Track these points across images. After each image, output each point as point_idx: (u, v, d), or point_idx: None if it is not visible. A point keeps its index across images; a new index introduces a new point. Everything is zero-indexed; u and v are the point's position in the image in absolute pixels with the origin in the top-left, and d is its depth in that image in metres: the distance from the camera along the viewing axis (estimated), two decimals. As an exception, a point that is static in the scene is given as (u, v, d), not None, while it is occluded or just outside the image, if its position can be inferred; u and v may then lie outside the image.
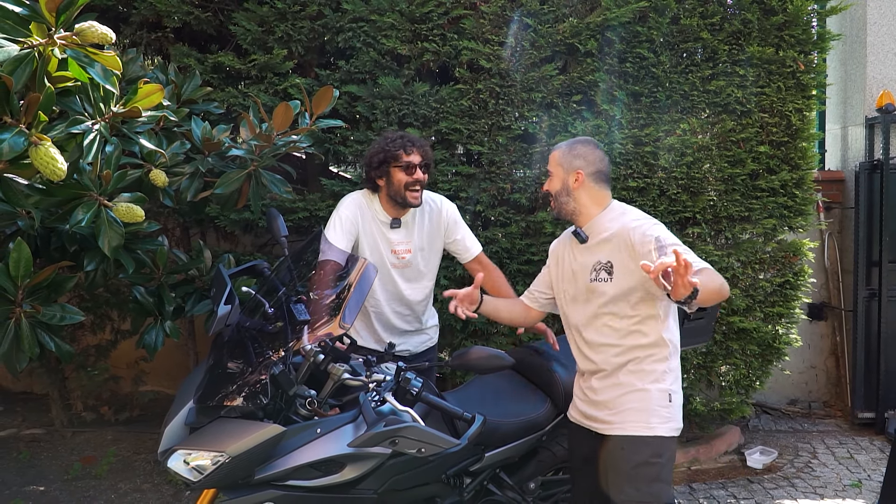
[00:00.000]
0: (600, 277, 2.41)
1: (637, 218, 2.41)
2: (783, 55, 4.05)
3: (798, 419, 5.28)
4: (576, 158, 2.49)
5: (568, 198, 2.49)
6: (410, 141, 2.94)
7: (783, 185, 4.14)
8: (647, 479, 2.31)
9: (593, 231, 2.48)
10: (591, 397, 2.47)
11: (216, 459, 2.02)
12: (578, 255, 2.52)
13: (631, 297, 2.36)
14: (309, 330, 2.24)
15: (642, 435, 2.34)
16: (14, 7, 1.91)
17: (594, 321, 2.45)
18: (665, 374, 2.41)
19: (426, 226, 3.10)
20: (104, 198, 2.39)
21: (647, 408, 2.35)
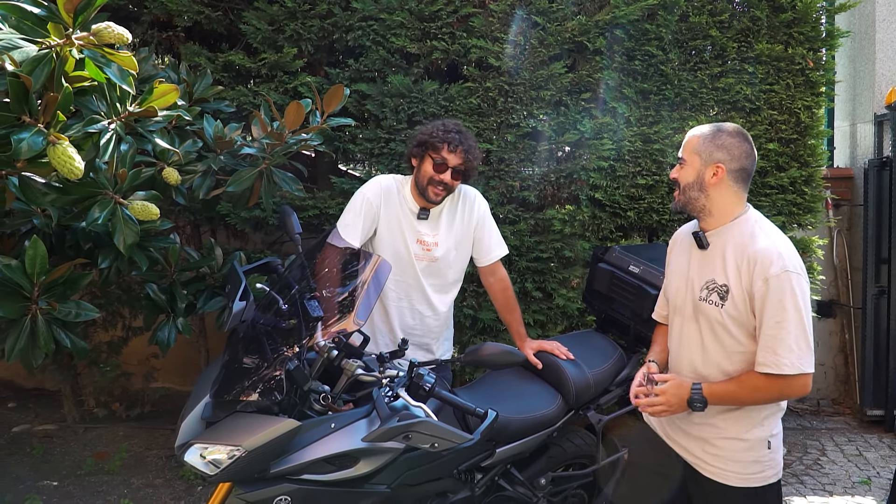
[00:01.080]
0: (710, 298, 2.17)
1: (774, 248, 2.08)
2: (792, 52, 4.05)
3: (807, 416, 5.29)
4: (718, 150, 2.16)
5: (700, 193, 2.19)
6: (460, 140, 2.82)
7: (792, 183, 4.14)
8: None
9: (717, 240, 2.20)
10: (683, 425, 2.29)
11: (232, 453, 2.05)
12: (695, 261, 2.27)
13: (738, 328, 2.12)
14: (322, 326, 2.26)
15: (755, 487, 2.18)
16: (32, 8, 1.93)
17: (694, 343, 2.25)
18: (769, 419, 2.21)
19: (456, 219, 3.02)
20: (119, 196, 2.41)
21: (746, 459, 2.17)
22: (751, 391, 2.07)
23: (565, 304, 4.08)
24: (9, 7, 1.91)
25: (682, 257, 2.34)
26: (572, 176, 4.09)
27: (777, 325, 2.00)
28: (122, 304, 4.94)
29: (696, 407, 2.11)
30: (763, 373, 2.03)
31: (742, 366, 2.12)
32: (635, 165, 4.07)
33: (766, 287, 2.02)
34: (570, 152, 4.23)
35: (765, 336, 2.02)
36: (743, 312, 2.08)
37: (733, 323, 2.10)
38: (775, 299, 2.00)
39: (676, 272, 2.34)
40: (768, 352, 2.02)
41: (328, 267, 2.45)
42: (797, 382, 2.02)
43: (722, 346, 2.15)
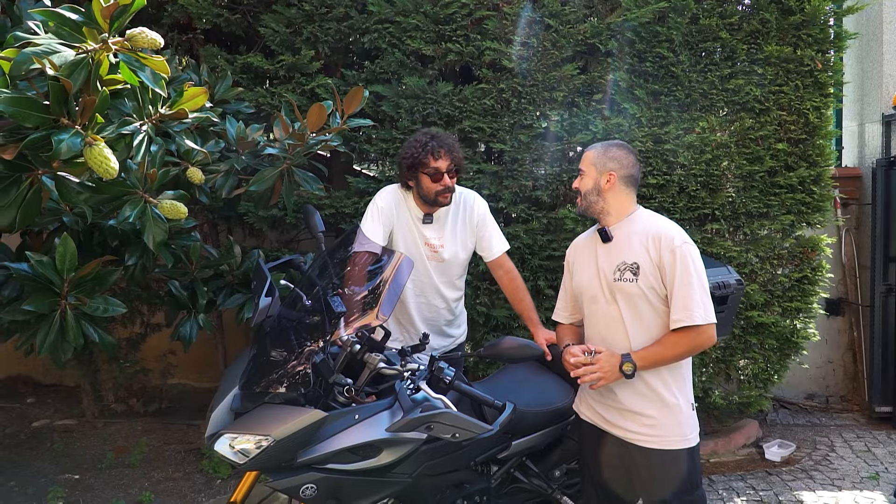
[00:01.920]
0: (625, 276, 2.45)
1: (668, 227, 2.46)
2: (801, 54, 4.11)
3: (816, 413, 5.34)
4: (610, 160, 2.53)
5: (598, 197, 2.54)
6: (440, 145, 2.95)
7: (801, 182, 4.21)
8: (690, 483, 2.43)
9: (619, 232, 2.52)
10: (610, 402, 2.48)
11: (261, 443, 2.13)
12: (602, 254, 2.55)
13: (654, 297, 2.41)
14: (345, 321, 2.34)
15: (682, 448, 2.42)
16: (70, 14, 2.02)
17: (616, 323, 2.48)
18: (687, 380, 2.49)
19: (459, 222, 3.17)
20: (149, 195, 2.50)
21: (681, 421, 2.42)
22: (672, 347, 2.37)
23: (577, 301, 4.14)
24: (48, 13, 1.99)
25: (587, 256, 2.63)
26: (584, 176, 4.15)
27: (685, 285, 2.34)
28: (140, 302, 5.03)
29: (627, 372, 2.34)
30: (679, 328, 2.34)
31: (658, 332, 2.42)
32: (646, 165, 4.13)
33: (672, 256, 2.36)
34: (582, 152, 4.29)
35: (676, 297, 2.35)
36: (654, 281, 2.39)
37: (649, 290, 2.40)
38: (681, 265, 2.35)
39: (585, 269, 2.62)
40: (681, 309, 2.34)
41: (351, 264, 2.53)
42: (706, 333, 2.35)
43: (640, 317, 2.43)
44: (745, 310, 4.19)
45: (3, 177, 2.11)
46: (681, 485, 2.41)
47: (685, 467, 2.42)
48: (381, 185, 4.23)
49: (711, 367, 4.32)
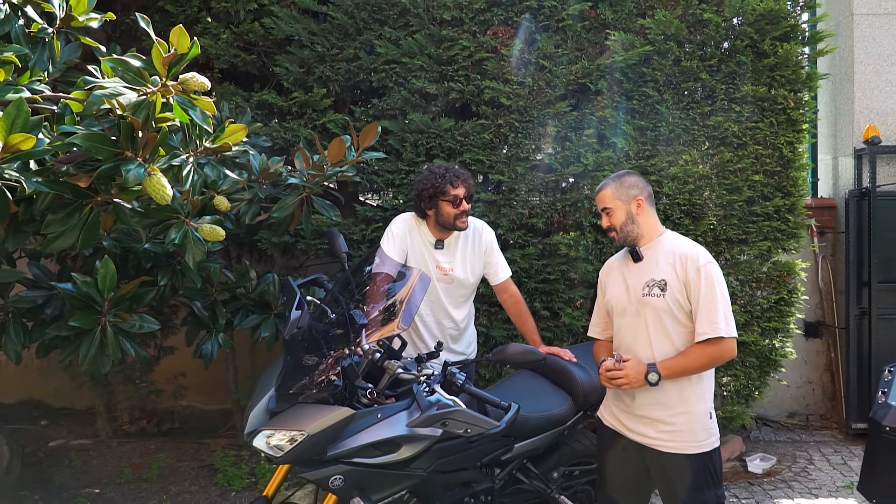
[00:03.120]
0: (653, 292, 2.65)
1: (694, 249, 2.68)
2: (775, 93, 4.47)
3: (796, 430, 5.62)
4: (631, 188, 2.74)
5: (633, 225, 2.73)
6: (457, 175, 3.28)
7: (777, 211, 4.54)
8: (711, 482, 2.65)
9: (650, 252, 2.73)
10: (635, 410, 2.69)
11: (295, 438, 2.40)
12: (632, 273, 2.75)
13: (679, 312, 2.62)
14: (366, 333, 2.62)
15: (698, 453, 2.62)
16: (134, 62, 2.33)
17: (642, 335, 2.69)
18: (709, 391, 2.71)
19: (468, 248, 3.47)
20: (190, 220, 2.79)
21: (697, 428, 2.63)
22: (695, 359, 2.58)
23: (571, 321, 4.44)
24: (116, 61, 2.30)
25: (617, 276, 2.84)
26: (577, 204, 4.48)
27: (709, 301, 2.56)
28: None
29: (651, 381, 2.55)
30: (703, 340, 2.55)
31: (681, 344, 2.62)
32: (634, 195, 4.45)
33: (698, 275, 2.58)
34: (574, 183, 4.63)
35: (701, 311, 2.56)
36: (680, 297, 2.61)
37: (674, 305, 2.61)
38: (706, 283, 2.57)
39: (616, 287, 2.83)
40: (706, 322, 2.55)
41: (372, 281, 2.81)
42: (728, 345, 2.57)
43: (665, 329, 2.63)
44: (727, 329, 4.48)
45: (68, 203, 2.40)
46: (694, 486, 2.61)
47: (702, 470, 2.62)
48: (386, 213, 4.56)
49: (697, 383, 4.59)
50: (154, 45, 2.31)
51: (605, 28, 4.48)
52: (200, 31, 4.63)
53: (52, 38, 2.67)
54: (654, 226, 2.78)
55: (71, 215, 2.41)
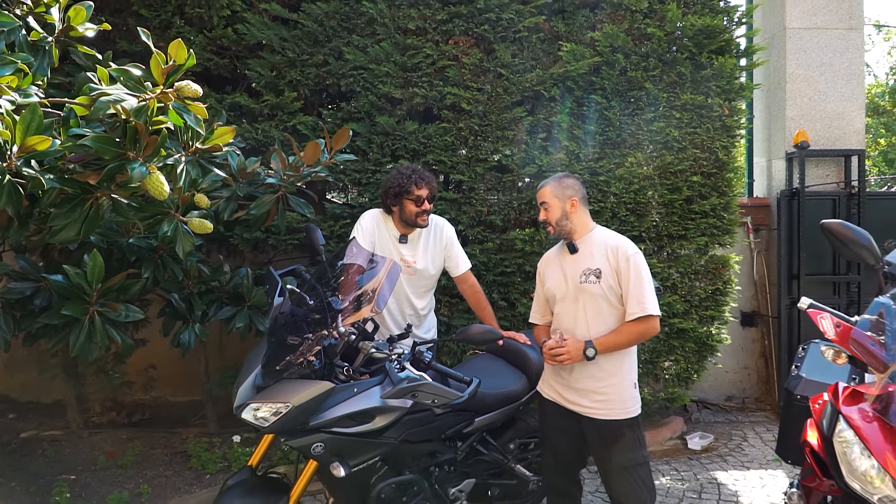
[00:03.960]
0: (589, 280, 3.03)
1: (622, 241, 3.09)
2: (711, 102, 4.88)
3: (733, 412, 6.08)
4: (567, 189, 3.11)
5: (567, 220, 3.11)
6: (421, 177, 3.58)
7: (713, 209, 4.95)
8: (638, 444, 3.04)
9: (584, 245, 3.11)
10: (572, 383, 3.06)
11: (280, 409, 2.67)
12: (568, 263, 3.13)
13: (612, 296, 3.00)
14: (342, 317, 2.91)
15: (626, 418, 3.02)
16: (135, 71, 2.58)
17: (580, 317, 3.05)
18: (633, 365, 3.12)
19: (430, 243, 3.77)
20: (180, 214, 3.03)
21: (625, 397, 3.03)
22: (626, 335, 2.98)
23: (526, 311, 4.77)
24: (119, 70, 2.55)
25: (556, 267, 3.23)
26: (532, 203, 4.82)
27: (637, 286, 2.96)
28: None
29: (589, 355, 2.94)
30: (633, 319, 2.95)
31: (613, 324, 3.01)
32: (584, 194, 4.82)
33: (627, 264, 2.98)
34: (529, 183, 4.97)
35: (631, 294, 2.96)
36: (612, 283, 3.00)
37: (608, 290, 3.00)
38: (634, 271, 2.98)
39: (555, 277, 3.21)
40: (635, 303, 2.95)
41: (348, 270, 3.09)
42: (653, 322, 2.99)
43: (600, 311, 3.02)
44: (668, 317, 4.88)
45: (71, 198, 2.63)
46: (626, 447, 3.00)
47: (629, 433, 3.02)
48: (354, 210, 4.84)
49: (641, 368, 4.98)
50: (153, 55, 2.57)
51: (558, 39, 4.83)
52: (174, 35, 4.81)
53: (52, 46, 2.89)
54: (585, 222, 3.17)
55: (73, 210, 2.63)
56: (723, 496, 4.37)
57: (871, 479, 1.92)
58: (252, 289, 4.27)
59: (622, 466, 3.01)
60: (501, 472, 3.57)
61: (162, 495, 4.34)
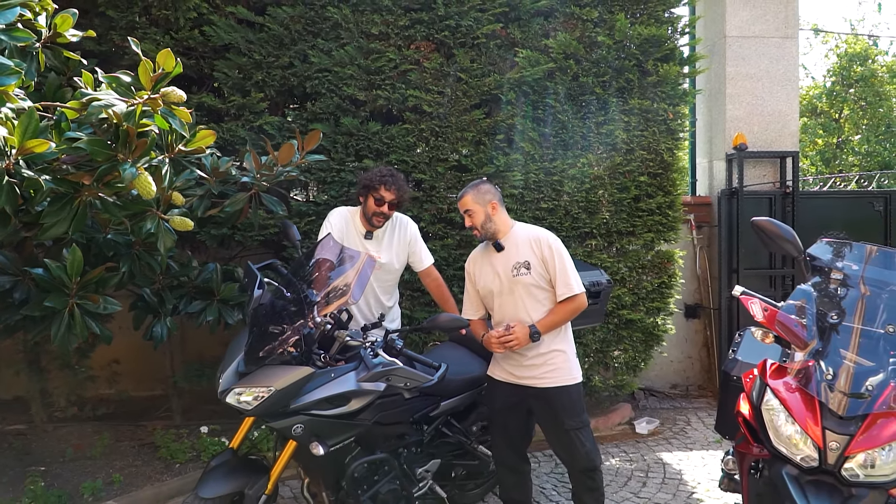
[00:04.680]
0: (521, 272, 3.36)
1: (542, 232, 3.44)
2: (657, 107, 5.21)
3: (678, 399, 6.45)
4: (486, 194, 3.43)
5: (490, 223, 3.42)
6: (393, 182, 3.75)
7: (659, 207, 5.29)
8: (581, 408, 3.40)
9: (508, 242, 3.42)
10: (523, 362, 3.39)
11: (262, 394, 2.86)
12: (497, 260, 3.43)
13: (543, 283, 3.36)
14: (319, 308, 3.11)
15: (571, 384, 3.39)
16: (125, 77, 2.74)
17: (520, 307, 3.39)
18: (571, 338, 3.48)
19: (394, 239, 3.97)
20: (161, 212, 3.19)
21: (569, 366, 3.40)
22: (561, 314, 3.35)
23: (485, 304, 5.04)
24: (111, 77, 2.71)
25: (484, 265, 3.53)
26: (490, 201, 5.07)
27: (562, 269, 3.33)
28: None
29: (534, 338, 3.29)
30: (563, 299, 3.32)
31: (548, 306, 3.36)
32: (539, 192, 5.10)
33: (550, 251, 3.34)
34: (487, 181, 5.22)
35: (558, 278, 3.33)
36: (541, 271, 3.35)
37: (539, 278, 3.34)
38: (557, 257, 3.33)
39: (486, 275, 3.51)
40: (563, 285, 3.32)
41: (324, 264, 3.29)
42: (580, 299, 3.36)
43: (535, 297, 3.36)
44: (617, 309, 5.20)
45: (62, 197, 2.78)
46: (572, 411, 3.35)
47: (575, 398, 3.38)
48: (319, 207, 5.02)
49: (592, 357, 5.30)
50: (141, 62, 2.74)
51: (515, 46, 5.10)
52: (141, 37, 4.92)
53: (38, 52, 3.02)
54: (506, 221, 3.48)
55: (63, 208, 2.78)
56: (667, 475, 4.70)
57: (794, 442, 2.22)
58: (221, 284, 4.43)
59: (569, 429, 3.35)
60: (464, 452, 3.81)
61: (134, 483, 4.46)
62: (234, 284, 4.42)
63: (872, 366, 2.18)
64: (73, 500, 4.19)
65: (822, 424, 2.14)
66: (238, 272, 4.56)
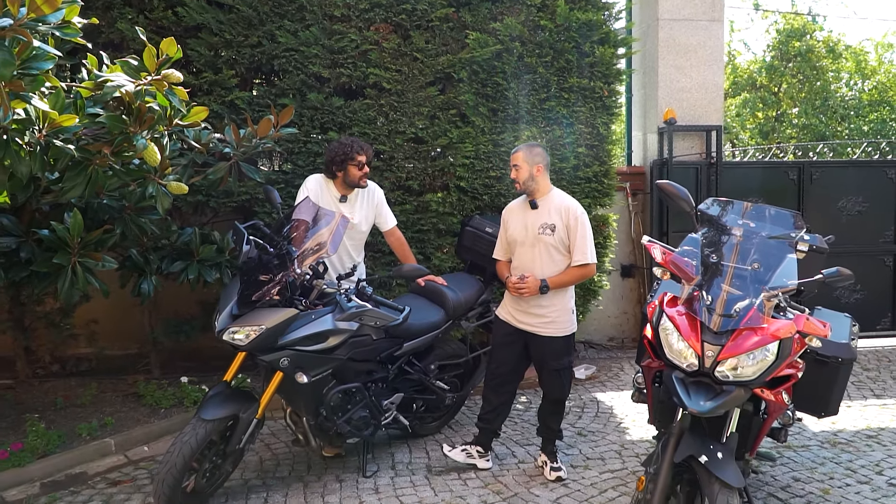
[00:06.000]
0: (545, 232, 3.89)
1: (573, 203, 3.96)
2: (593, 85, 5.80)
3: (614, 350, 7.16)
4: (536, 157, 3.91)
5: (532, 182, 3.90)
6: (361, 146, 4.29)
7: (595, 176, 5.91)
8: (567, 353, 4.01)
9: (543, 203, 3.93)
10: (527, 309, 3.97)
11: (252, 332, 3.38)
12: (530, 216, 3.96)
13: (561, 247, 3.90)
14: (300, 260, 3.63)
15: (564, 335, 4.00)
16: (133, 61, 3.20)
17: (536, 260, 3.92)
18: (572, 297, 4.10)
19: (364, 203, 4.49)
20: (158, 178, 3.65)
21: (565, 319, 4.00)
22: (571, 276, 3.94)
23: (440, 263, 5.60)
24: (121, 62, 3.16)
25: (518, 217, 4.05)
26: (444, 170, 5.62)
27: (582, 239, 3.89)
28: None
29: (543, 289, 3.84)
30: (578, 265, 3.89)
31: (560, 267, 3.91)
32: (488, 162, 5.66)
33: (576, 222, 3.89)
34: (441, 152, 5.76)
35: (577, 246, 3.88)
36: (563, 236, 3.90)
37: (559, 242, 3.89)
38: (580, 228, 3.89)
39: (517, 224, 4.03)
40: (580, 253, 3.88)
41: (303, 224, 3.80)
42: (592, 268, 3.97)
43: (552, 257, 3.92)
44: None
45: (78, 163, 3.22)
46: (560, 355, 3.98)
47: (563, 347, 3.99)
48: (287, 175, 5.50)
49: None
50: (146, 48, 3.19)
51: (465, 28, 5.61)
52: (117, 16, 5.31)
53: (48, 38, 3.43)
54: (546, 185, 3.99)
55: (80, 174, 3.23)
56: (600, 410, 5.38)
57: (682, 353, 2.84)
58: (200, 245, 4.89)
59: (554, 369, 4.00)
60: (424, 388, 4.41)
61: (126, 425, 4.93)
62: (212, 246, 4.91)
63: (741, 294, 2.82)
64: (72, 439, 4.64)
65: (701, 339, 2.76)
66: (214, 235, 5.03)
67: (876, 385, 5.93)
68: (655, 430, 3.55)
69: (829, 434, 4.80)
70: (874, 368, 6.42)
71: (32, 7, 2.46)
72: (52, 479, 4.23)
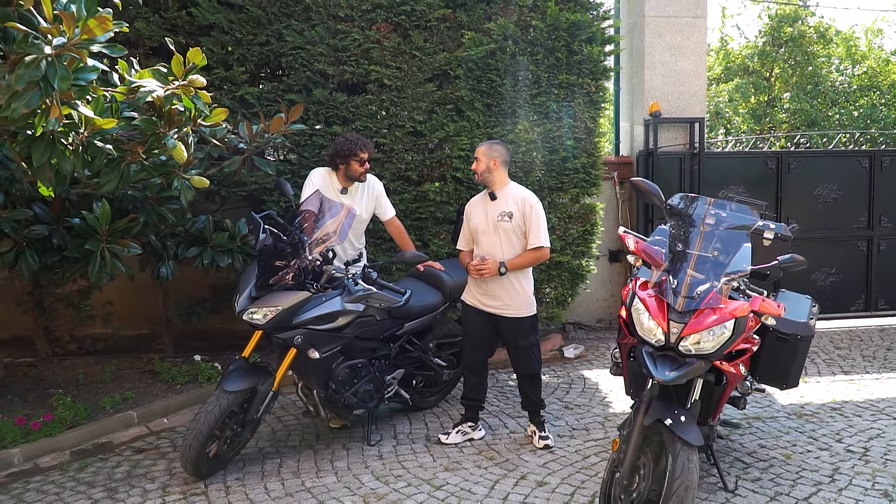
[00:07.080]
0: (504, 219, 4.27)
1: (528, 193, 4.34)
2: (582, 81, 6.16)
3: (602, 331, 7.56)
4: (493, 152, 4.29)
5: (488, 174, 4.29)
6: (363, 143, 4.65)
7: (583, 167, 6.28)
8: (532, 332, 4.37)
9: (501, 194, 4.30)
10: (488, 291, 4.34)
11: (270, 312, 3.76)
12: (490, 207, 4.33)
13: (519, 232, 4.27)
14: (312, 247, 4.00)
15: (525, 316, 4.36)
16: (162, 68, 3.55)
17: (497, 245, 4.31)
18: (530, 281, 4.45)
19: (365, 194, 4.87)
20: (182, 172, 4.01)
21: (525, 302, 4.36)
22: (527, 258, 4.29)
23: (437, 249, 5.98)
24: (153, 70, 3.51)
25: (479, 208, 4.42)
26: (441, 161, 5.99)
27: (536, 225, 4.25)
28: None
29: (502, 272, 4.20)
30: (533, 248, 4.24)
31: (519, 250, 4.28)
32: (483, 154, 6.02)
33: (531, 210, 4.26)
34: (438, 144, 6.12)
35: (531, 231, 4.24)
36: (520, 223, 4.27)
37: (516, 228, 4.27)
38: (535, 214, 4.27)
39: (479, 215, 4.39)
40: (534, 237, 4.24)
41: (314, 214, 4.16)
42: (546, 251, 4.33)
43: (511, 241, 4.29)
44: (548, 252, 6.20)
45: (113, 160, 3.58)
46: (525, 334, 4.35)
47: (527, 326, 4.36)
48: (293, 167, 5.85)
49: (527, 293, 6.31)
50: (174, 56, 3.54)
51: (461, 28, 5.95)
52: (134, 15, 5.63)
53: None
54: (503, 179, 4.37)
55: (114, 170, 3.59)
56: (587, 386, 5.79)
57: (651, 330, 3.23)
58: (213, 232, 5.26)
59: (520, 346, 4.37)
60: (423, 365, 4.81)
61: (146, 399, 5.31)
62: (225, 233, 5.27)
63: (703, 278, 3.21)
64: (96, 412, 5.02)
65: (667, 318, 3.16)
66: (227, 223, 5.39)
67: (845, 362, 6.34)
68: (631, 399, 3.95)
69: (796, 406, 5.21)
70: (846, 347, 6.84)
71: (86, 29, 2.80)
72: (80, 448, 4.62)
